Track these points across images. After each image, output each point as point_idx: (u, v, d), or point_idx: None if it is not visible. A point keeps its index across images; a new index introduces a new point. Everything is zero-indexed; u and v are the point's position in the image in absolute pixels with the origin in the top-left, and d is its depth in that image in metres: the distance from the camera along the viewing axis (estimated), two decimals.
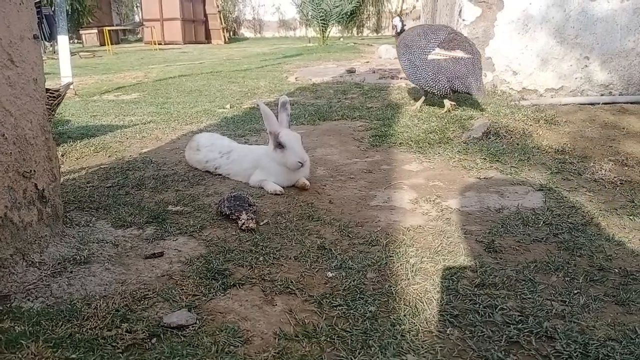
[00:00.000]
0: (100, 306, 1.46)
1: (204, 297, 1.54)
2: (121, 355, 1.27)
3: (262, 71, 7.87)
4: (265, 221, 2.13)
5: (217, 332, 1.36)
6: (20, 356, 1.23)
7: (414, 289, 1.59)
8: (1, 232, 1.56)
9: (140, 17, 19.19)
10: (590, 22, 4.55)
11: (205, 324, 1.41)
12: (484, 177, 2.67)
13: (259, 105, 2.56)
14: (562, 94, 4.77)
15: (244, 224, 2.03)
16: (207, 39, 18.28)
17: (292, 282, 1.63)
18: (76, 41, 16.55)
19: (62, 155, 3.15)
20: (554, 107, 4.31)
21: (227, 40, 18.08)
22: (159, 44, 15.45)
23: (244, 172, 2.64)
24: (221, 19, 18.09)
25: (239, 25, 20.94)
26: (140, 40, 18.83)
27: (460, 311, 1.46)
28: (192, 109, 4.73)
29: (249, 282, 1.63)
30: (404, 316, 1.44)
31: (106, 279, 1.65)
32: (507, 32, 4.72)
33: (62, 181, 2.08)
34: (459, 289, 1.58)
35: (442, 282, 1.62)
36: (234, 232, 2.02)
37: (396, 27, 4.35)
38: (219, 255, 1.81)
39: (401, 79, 6.23)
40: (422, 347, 1.31)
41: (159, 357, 1.26)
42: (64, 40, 5.65)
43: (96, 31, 16.34)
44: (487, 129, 3.42)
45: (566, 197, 2.37)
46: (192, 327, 1.39)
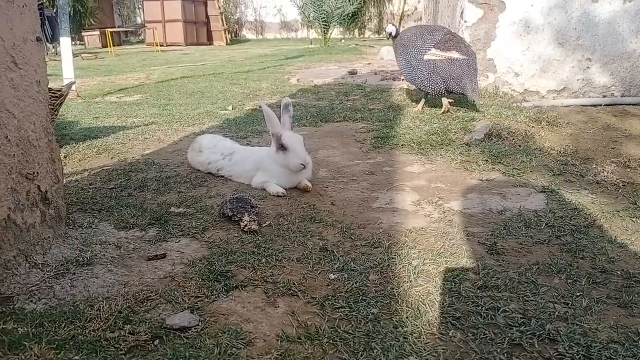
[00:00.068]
0: (103, 308, 1.46)
1: (206, 299, 1.55)
2: (124, 356, 1.27)
3: (264, 73, 7.87)
4: (267, 223, 2.13)
5: (220, 334, 1.37)
6: (23, 357, 1.23)
7: (417, 291, 1.59)
8: (4, 234, 1.57)
9: (142, 19, 19.23)
10: (592, 24, 4.55)
11: (207, 326, 1.41)
12: (486, 179, 2.67)
13: (261, 107, 2.57)
14: (564, 95, 4.77)
15: (246, 225, 2.04)
16: (209, 40, 18.30)
17: (294, 284, 1.63)
18: (78, 43, 16.56)
19: (64, 156, 3.15)
20: (556, 109, 4.31)
21: (228, 41, 18.10)
22: (160, 46, 15.47)
23: (246, 174, 2.65)
24: (223, 21, 18.11)
25: (240, 26, 20.95)
26: (142, 41, 18.86)
27: (462, 313, 1.46)
28: (194, 110, 4.73)
29: (251, 284, 1.64)
30: (407, 318, 1.44)
31: (109, 281, 1.66)
32: (508, 34, 4.72)
33: (64, 183, 2.08)
34: (461, 291, 1.58)
35: (444, 284, 1.63)
36: (236, 234, 2.02)
37: (391, 33, 4.37)
38: (221, 257, 1.82)
39: (403, 80, 6.22)
40: (425, 350, 1.31)
41: (161, 359, 1.26)
42: (66, 41, 5.66)
43: (98, 33, 16.35)
44: (489, 131, 3.42)
45: (568, 199, 2.37)
46: (195, 328, 1.39)
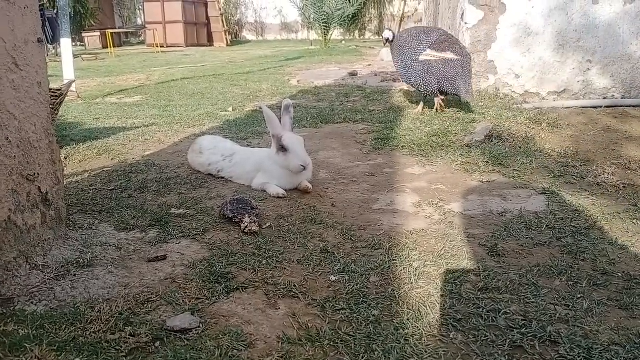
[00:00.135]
0: (103, 309, 1.46)
1: (207, 301, 1.54)
2: (125, 358, 1.27)
3: (264, 74, 7.88)
4: (268, 224, 2.13)
5: (221, 336, 1.36)
6: (23, 359, 1.23)
7: (417, 293, 1.59)
8: (5, 235, 1.56)
9: (142, 20, 19.24)
10: (592, 26, 4.55)
11: (208, 328, 1.41)
12: (487, 181, 2.67)
13: (262, 108, 2.57)
14: (565, 97, 4.77)
15: (246, 227, 2.04)
16: (210, 41, 18.31)
17: (295, 285, 1.63)
18: (78, 44, 16.58)
19: (65, 158, 3.15)
20: (556, 111, 4.31)
21: (229, 43, 18.11)
22: (161, 47, 15.48)
23: (246, 175, 2.64)
24: (223, 22, 18.13)
25: (241, 28, 20.97)
26: (142, 42, 18.87)
27: (463, 315, 1.46)
28: (195, 111, 4.74)
29: (252, 286, 1.64)
30: (408, 320, 1.44)
31: (109, 282, 1.65)
32: (509, 36, 4.73)
33: (65, 184, 2.08)
34: (462, 293, 1.58)
35: (445, 286, 1.62)
36: (236, 236, 2.02)
37: (388, 39, 4.47)
38: (222, 258, 1.82)
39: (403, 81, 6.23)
40: (426, 352, 1.30)
41: None
42: (66, 42, 5.67)
43: (98, 34, 16.36)
44: (490, 132, 3.42)
45: (569, 201, 2.37)
46: (196, 330, 1.39)
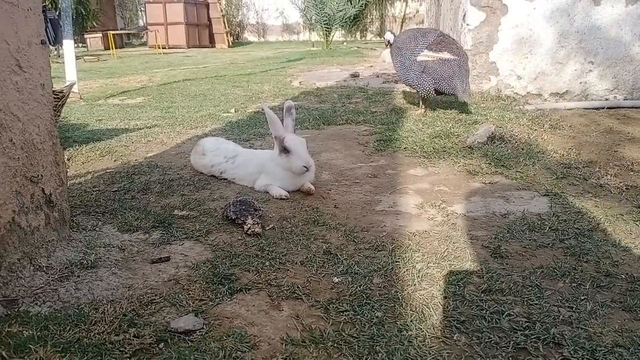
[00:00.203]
0: (107, 311, 1.46)
1: (210, 302, 1.55)
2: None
3: (266, 75, 7.89)
4: (270, 226, 2.13)
5: (225, 337, 1.37)
6: None
7: (421, 295, 1.59)
8: (9, 237, 1.57)
9: (144, 21, 19.27)
10: (594, 27, 4.55)
11: (212, 329, 1.41)
12: (489, 182, 2.67)
13: (264, 109, 2.57)
14: (567, 98, 4.77)
15: (249, 228, 2.04)
16: (211, 43, 18.33)
17: (298, 287, 1.63)
18: (80, 45, 16.61)
19: (68, 159, 3.16)
20: (558, 112, 4.31)
21: (230, 44, 18.14)
22: (163, 48, 15.51)
23: (249, 177, 2.65)
24: (225, 23, 18.16)
25: (242, 29, 21.00)
26: (144, 44, 18.91)
27: (467, 317, 1.46)
28: (197, 113, 4.74)
29: (255, 287, 1.64)
30: (411, 322, 1.44)
31: (113, 284, 1.66)
32: (511, 37, 4.73)
33: (68, 185, 2.09)
34: (465, 294, 1.58)
35: (448, 287, 1.62)
36: (239, 237, 2.03)
37: (389, 41, 4.48)
38: (225, 260, 1.82)
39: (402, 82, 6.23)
40: (429, 354, 1.30)
41: None
42: (69, 44, 5.68)
43: (100, 35, 16.38)
44: (492, 134, 3.42)
45: (572, 203, 2.37)
46: (199, 332, 1.39)
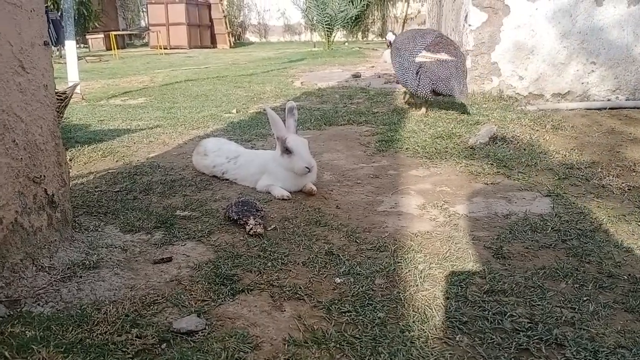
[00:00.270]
0: (110, 311, 1.47)
1: (212, 303, 1.55)
2: None
3: (267, 76, 7.89)
4: (272, 226, 2.13)
5: (227, 338, 1.37)
6: None
7: (423, 295, 1.59)
8: (11, 237, 1.57)
9: (146, 22, 19.30)
10: (596, 27, 4.55)
11: (214, 330, 1.41)
12: (491, 183, 2.67)
13: (265, 110, 2.57)
14: (569, 99, 4.76)
15: (251, 229, 2.04)
16: (213, 43, 18.35)
17: (300, 287, 1.63)
18: (82, 46, 16.63)
19: (70, 159, 3.16)
20: (560, 112, 4.31)
21: (232, 44, 18.15)
22: (164, 49, 15.53)
23: (251, 177, 2.65)
24: (226, 24, 18.17)
25: (244, 29, 21.01)
26: (146, 44, 18.93)
27: (469, 318, 1.46)
28: (199, 113, 4.75)
29: (257, 288, 1.64)
30: (413, 322, 1.44)
31: (115, 284, 1.66)
32: (513, 37, 4.72)
33: (70, 186, 2.09)
34: (467, 295, 1.57)
35: (450, 288, 1.62)
36: (241, 237, 2.03)
37: (390, 42, 4.54)
38: (227, 260, 1.82)
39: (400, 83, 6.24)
40: (432, 354, 1.30)
41: None
42: (71, 45, 5.70)
43: (102, 36, 16.42)
44: (494, 134, 3.42)
45: (574, 203, 2.36)
46: (202, 332, 1.39)
